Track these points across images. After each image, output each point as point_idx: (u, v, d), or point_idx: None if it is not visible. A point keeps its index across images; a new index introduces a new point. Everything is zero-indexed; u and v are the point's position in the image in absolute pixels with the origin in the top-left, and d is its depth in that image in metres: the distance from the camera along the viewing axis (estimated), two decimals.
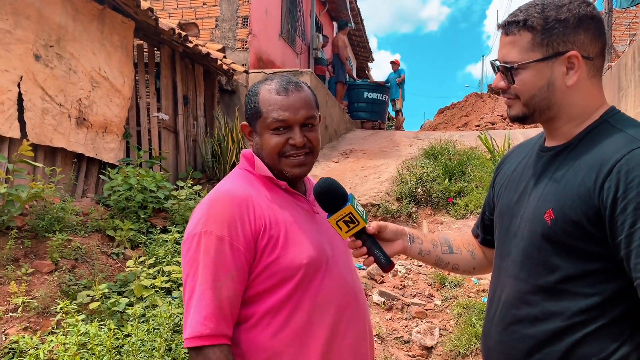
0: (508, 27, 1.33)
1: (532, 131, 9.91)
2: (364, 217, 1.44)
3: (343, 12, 13.81)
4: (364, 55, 19.71)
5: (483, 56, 68.87)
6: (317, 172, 8.04)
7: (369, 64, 21.13)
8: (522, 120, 1.39)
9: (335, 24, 14.45)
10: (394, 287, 4.76)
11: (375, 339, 3.82)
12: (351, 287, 1.50)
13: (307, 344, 1.37)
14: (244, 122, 1.51)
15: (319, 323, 1.38)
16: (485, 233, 1.65)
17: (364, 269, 4.71)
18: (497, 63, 1.37)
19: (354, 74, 18.81)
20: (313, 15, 12.25)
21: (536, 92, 1.31)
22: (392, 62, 13.36)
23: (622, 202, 1.14)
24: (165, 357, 2.68)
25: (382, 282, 4.85)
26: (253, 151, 1.51)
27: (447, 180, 7.02)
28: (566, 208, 1.23)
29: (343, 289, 1.47)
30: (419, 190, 6.83)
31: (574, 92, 1.30)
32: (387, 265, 1.46)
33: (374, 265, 1.57)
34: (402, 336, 3.94)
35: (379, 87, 12.65)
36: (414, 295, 4.64)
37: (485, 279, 4.58)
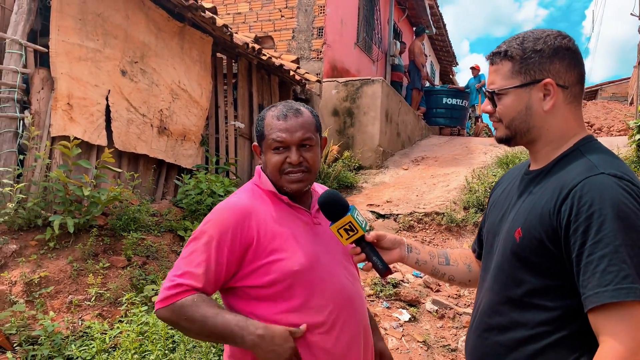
0: (493, 57, 1.47)
1: (615, 139, 9.40)
2: (364, 226, 1.59)
3: (423, 18, 13.76)
4: (447, 59, 19.44)
5: None
6: (386, 180, 8.14)
7: (454, 68, 20.80)
8: (506, 141, 1.50)
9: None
10: (448, 296, 4.79)
11: (422, 345, 3.90)
12: (346, 291, 1.65)
13: (300, 344, 1.54)
14: (255, 143, 1.72)
15: (311, 324, 1.55)
16: (480, 248, 1.74)
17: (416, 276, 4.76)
18: (484, 89, 1.50)
19: (437, 78, 18.61)
20: (391, 22, 12.33)
21: (516, 115, 1.42)
22: (472, 68, 13.14)
23: (574, 225, 1.22)
24: (212, 347, 2.95)
25: (438, 290, 4.89)
26: (261, 168, 1.71)
27: None
28: (531, 227, 1.33)
29: (337, 293, 1.62)
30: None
31: (551, 116, 1.40)
32: (383, 270, 1.60)
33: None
34: (450, 344, 3.98)
35: (459, 92, 12.47)
36: (469, 305, 4.64)
37: None
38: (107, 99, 5.11)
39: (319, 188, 1.82)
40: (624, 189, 1.22)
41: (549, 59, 1.37)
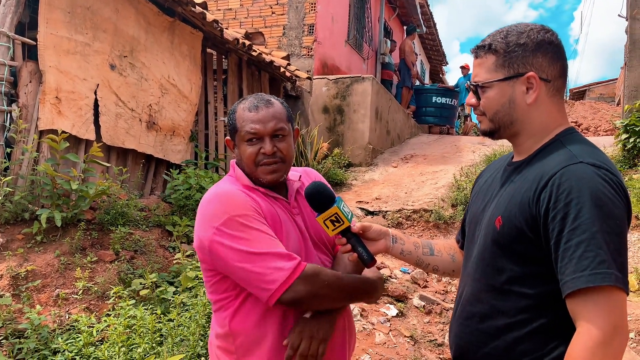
0: (477, 51, 1.49)
1: (604, 140, 9.51)
2: (349, 217, 1.60)
3: (413, 17, 13.80)
4: (437, 58, 19.54)
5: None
6: (376, 177, 8.17)
7: (444, 67, 20.90)
8: (490, 134, 1.53)
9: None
10: (436, 292, 4.82)
11: (409, 339, 3.93)
12: None
13: (283, 332, 1.55)
14: (227, 137, 1.71)
15: (295, 314, 1.56)
16: (464, 238, 1.76)
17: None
18: (469, 83, 1.53)
19: (427, 77, 18.69)
20: (381, 20, 12.36)
21: (499, 108, 1.45)
22: (461, 67, 13.21)
23: (553, 212, 1.25)
24: (200, 341, 2.95)
25: (425, 286, 4.92)
26: (236, 162, 1.71)
27: None
28: (512, 215, 1.36)
29: None
30: None
31: (534, 110, 1.42)
32: (369, 261, 1.61)
33: (419, 270, 1.74)
34: (437, 339, 4.01)
35: (448, 91, 12.54)
36: None
37: None
38: (95, 93, 5.09)
39: (294, 175, 1.77)
40: (602, 177, 1.25)
41: (532, 52, 1.40)
